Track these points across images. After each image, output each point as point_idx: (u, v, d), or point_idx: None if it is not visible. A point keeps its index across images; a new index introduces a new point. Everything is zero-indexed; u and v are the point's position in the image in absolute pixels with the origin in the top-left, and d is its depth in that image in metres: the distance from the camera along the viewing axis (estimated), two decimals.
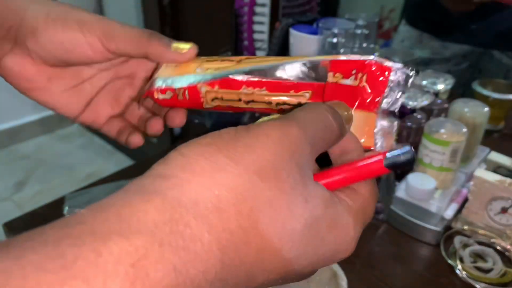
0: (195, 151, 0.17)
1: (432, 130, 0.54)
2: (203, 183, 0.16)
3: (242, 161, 0.17)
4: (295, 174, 0.17)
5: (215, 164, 0.16)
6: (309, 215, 0.17)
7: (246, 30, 0.71)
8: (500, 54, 1.00)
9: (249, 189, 0.16)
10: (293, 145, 0.18)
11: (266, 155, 0.17)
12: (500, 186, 0.52)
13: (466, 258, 0.51)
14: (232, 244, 0.15)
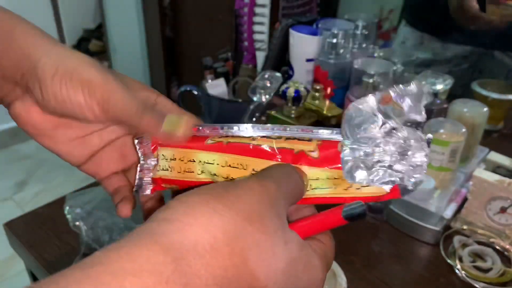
0: (194, 199, 0.20)
1: (432, 130, 0.54)
2: (202, 226, 0.18)
3: (234, 208, 0.20)
4: (275, 221, 0.20)
5: (213, 210, 0.19)
6: (288, 256, 0.20)
7: (246, 30, 0.71)
8: (501, 55, 1.00)
9: (240, 232, 0.19)
10: (272, 198, 0.21)
11: (253, 204, 0.20)
12: (499, 186, 0.52)
13: (465, 258, 0.51)
14: (226, 279, 0.18)
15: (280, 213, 0.21)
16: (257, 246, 0.19)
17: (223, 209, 0.19)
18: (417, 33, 1.05)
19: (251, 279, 0.19)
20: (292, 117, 0.60)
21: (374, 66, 0.60)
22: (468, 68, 1.06)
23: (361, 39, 0.69)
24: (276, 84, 0.62)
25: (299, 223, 0.24)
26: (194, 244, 0.18)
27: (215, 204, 0.19)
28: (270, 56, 0.70)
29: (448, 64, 1.04)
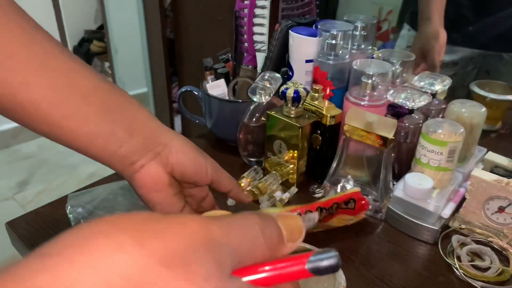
0: (95, 227, 0.15)
1: (430, 130, 0.54)
2: (92, 265, 0.13)
3: (148, 246, 0.14)
4: (209, 267, 0.15)
5: (115, 244, 0.14)
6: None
7: (246, 32, 0.72)
8: (508, 55, 1.00)
9: (150, 278, 0.14)
10: (211, 242, 0.16)
11: (177, 243, 0.15)
12: (497, 185, 0.52)
13: (463, 257, 0.51)
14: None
15: (220, 260, 0.16)
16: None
17: (131, 245, 0.14)
18: None
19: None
20: (292, 118, 0.61)
21: (373, 67, 0.60)
22: (473, 69, 1.06)
23: (360, 40, 0.70)
24: (275, 84, 0.62)
25: (250, 269, 0.18)
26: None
27: (121, 237, 0.14)
28: (270, 57, 0.70)
29: (455, 67, 1.05)
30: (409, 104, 0.59)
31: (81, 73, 0.32)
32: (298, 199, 0.62)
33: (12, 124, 1.98)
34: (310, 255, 0.18)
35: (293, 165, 0.63)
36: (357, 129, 0.57)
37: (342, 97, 0.63)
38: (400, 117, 0.61)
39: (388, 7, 1.85)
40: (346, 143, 0.60)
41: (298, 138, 0.60)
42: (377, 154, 0.58)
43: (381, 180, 0.58)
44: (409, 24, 1.09)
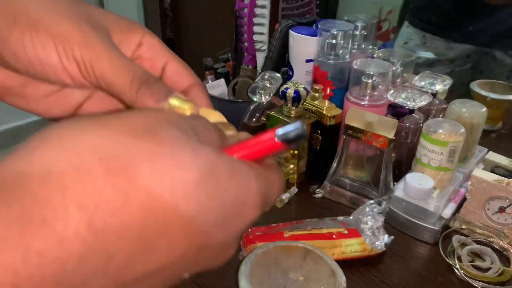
0: (61, 123, 0.15)
1: (430, 130, 0.54)
2: (56, 147, 0.13)
3: (110, 125, 0.15)
4: (176, 132, 0.15)
5: (77, 129, 0.14)
6: (202, 163, 0.15)
7: (246, 31, 0.72)
8: (502, 55, 1.01)
9: (120, 147, 0.14)
10: (174, 118, 0.16)
11: (140, 118, 0.15)
12: (497, 185, 0.52)
13: (464, 257, 0.51)
14: (104, 206, 0.13)
15: (183, 128, 0.16)
16: (150, 159, 0.14)
17: (94, 125, 0.14)
18: (419, 33, 1.06)
19: (149, 199, 0.14)
20: (292, 117, 0.60)
21: (373, 67, 0.60)
22: (470, 69, 1.07)
23: (360, 40, 0.70)
24: (276, 84, 0.62)
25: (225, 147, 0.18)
26: (43, 171, 0.13)
27: (82, 122, 0.14)
28: (270, 57, 0.70)
29: (451, 64, 1.05)
30: (410, 104, 0.59)
31: None
32: (298, 199, 0.62)
33: (11, 124, 1.98)
34: (277, 129, 0.19)
35: (293, 165, 0.63)
36: (357, 129, 0.57)
37: (342, 97, 0.63)
38: (401, 117, 0.61)
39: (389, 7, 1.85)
40: (346, 143, 0.60)
41: None
42: (378, 154, 0.58)
43: (381, 180, 0.58)
44: (408, 21, 1.09)
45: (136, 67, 0.21)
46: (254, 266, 0.41)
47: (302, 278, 0.43)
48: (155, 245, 0.14)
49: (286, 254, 0.44)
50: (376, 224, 0.51)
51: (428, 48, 1.05)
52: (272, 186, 0.18)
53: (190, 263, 0.16)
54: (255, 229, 0.50)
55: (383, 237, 0.50)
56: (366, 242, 0.50)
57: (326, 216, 0.58)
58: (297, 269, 0.43)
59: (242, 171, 0.16)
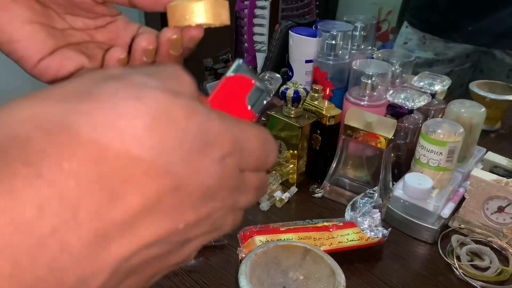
0: (17, 99, 0.15)
1: (429, 130, 0.55)
2: (4, 121, 0.14)
3: (48, 95, 0.15)
4: (111, 86, 0.15)
5: (22, 103, 0.14)
6: (148, 109, 0.14)
7: (246, 32, 0.72)
8: (502, 54, 1.01)
9: (54, 112, 0.14)
10: (112, 73, 0.16)
11: (75, 83, 0.15)
12: (496, 185, 0.52)
13: (463, 257, 0.51)
14: (52, 163, 0.13)
15: (127, 80, 0.15)
16: (87, 115, 0.14)
17: (35, 99, 0.14)
18: (419, 33, 1.06)
19: (98, 150, 0.13)
20: (292, 118, 0.61)
21: (372, 67, 0.60)
22: (469, 68, 1.07)
23: (360, 41, 0.70)
24: (275, 85, 0.62)
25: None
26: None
27: (30, 98, 0.15)
28: (270, 58, 0.71)
29: (451, 64, 1.05)
30: (409, 104, 0.59)
31: None
32: (298, 199, 0.62)
33: None
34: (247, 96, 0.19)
35: (293, 165, 0.63)
36: (356, 129, 0.57)
37: (342, 97, 0.63)
38: (400, 117, 0.61)
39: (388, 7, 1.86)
40: (345, 143, 0.60)
41: (298, 138, 0.60)
42: (377, 154, 0.58)
43: (380, 180, 0.58)
44: (408, 21, 1.09)
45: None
46: (253, 265, 0.41)
47: (302, 278, 0.43)
48: (121, 191, 0.14)
49: (286, 254, 0.44)
50: (374, 223, 0.51)
51: (428, 47, 1.06)
52: (247, 133, 0.17)
53: (174, 209, 0.15)
54: (253, 228, 0.51)
55: (380, 230, 0.51)
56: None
57: (326, 216, 0.58)
58: (297, 268, 0.44)
59: (202, 112, 0.15)
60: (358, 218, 0.52)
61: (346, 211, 0.55)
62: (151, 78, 0.16)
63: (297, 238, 0.49)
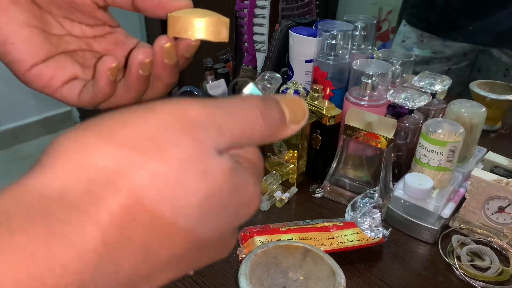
0: (67, 136, 0.15)
1: (430, 130, 0.54)
2: (67, 168, 0.14)
3: (114, 138, 0.15)
4: (187, 148, 0.15)
5: (81, 145, 0.15)
6: (206, 188, 0.16)
7: (246, 32, 0.72)
8: (499, 53, 1.01)
9: (125, 165, 0.14)
10: (188, 121, 0.16)
11: (147, 129, 0.15)
12: (497, 185, 0.52)
13: (463, 257, 0.51)
14: (114, 225, 0.14)
15: (201, 139, 0.16)
16: (155, 179, 0.15)
17: (97, 142, 0.15)
18: (417, 31, 1.06)
19: (152, 218, 0.15)
20: None
21: (373, 67, 0.60)
22: (467, 66, 1.07)
23: (360, 40, 0.70)
24: (276, 84, 0.62)
25: None
26: (58, 190, 0.14)
27: (86, 135, 0.15)
28: (270, 57, 0.70)
29: (448, 62, 1.05)
30: (409, 104, 0.59)
31: None
32: (298, 199, 0.62)
33: (13, 124, 1.98)
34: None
35: (293, 165, 0.63)
36: (357, 129, 0.57)
37: (342, 97, 0.63)
38: (400, 117, 0.61)
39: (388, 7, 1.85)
40: (346, 143, 0.60)
41: (298, 138, 0.60)
42: (377, 154, 0.58)
43: (381, 180, 0.58)
44: (406, 19, 1.09)
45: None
46: (254, 265, 0.41)
47: (302, 278, 0.43)
48: (158, 253, 0.16)
49: (286, 254, 0.44)
50: (375, 223, 0.51)
51: (425, 46, 1.06)
52: (259, 166, 0.19)
53: (193, 261, 0.17)
54: (253, 228, 0.51)
55: (381, 230, 0.51)
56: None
57: (326, 216, 0.58)
58: (297, 268, 0.43)
59: (243, 185, 0.17)
60: (359, 218, 0.52)
61: (346, 211, 0.55)
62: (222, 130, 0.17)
63: (297, 239, 0.49)
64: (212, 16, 0.24)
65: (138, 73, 0.25)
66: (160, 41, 0.25)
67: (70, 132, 0.15)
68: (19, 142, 2.02)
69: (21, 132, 2.01)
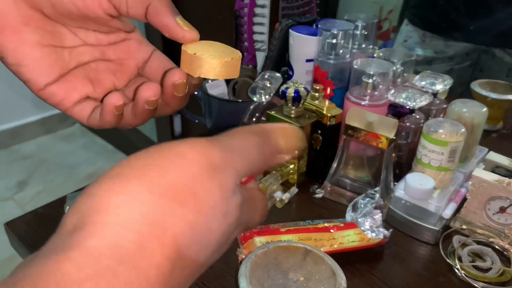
0: (103, 187, 0.16)
1: (431, 130, 0.54)
2: (120, 223, 0.15)
3: (156, 188, 0.16)
4: (215, 194, 0.17)
5: (127, 197, 0.16)
6: (225, 225, 0.18)
7: (246, 31, 0.71)
8: (502, 53, 1.01)
9: (168, 217, 0.16)
10: (214, 168, 0.17)
11: (182, 178, 0.17)
12: (498, 185, 0.52)
13: (464, 257, 0.51)
14: (162, 276, 0.15)
15: (225, 184, 0.18)
16: (191, 229, 0.16)
17: (141, 192, 0.16)
18: (419, 31, 1.06)
19: (185, 262, 0.17)
20: (292, 117, 0.60)
21: (373, 66, 0.60)
22: (469, 66, 1.06)
23: (361, 40, 0.69)
24: (276, 84, 0.62)
25: None
26: (115, 247, 0.15)
27: (131, 188, 0.16)
28: (270, 57, 0.70)
29: (451, 62, 1.05)
30: (410, 104, 0.59)
31: None
32: (298, 199, 0.62)
33: (12, 124, 1.98)
34: None
35: (293, 165, 0.63)
36: (357, 129, 0.57)
37: (343, 96, 0.63)
38: (401, 117, 0.61)
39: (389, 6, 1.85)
40: (346, 143, 0.60)
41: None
42: (378, 154, 0.58)
43: (382, 180, 0.58)
44: (408, 19, 1.09)
45: None
46: (254, 266, 0.41)
47: (302, 279, 0.43)
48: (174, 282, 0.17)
49: (286, 255, 0.44)
50: (375, 223, 0.51)
51: (427, 46, 1.05)
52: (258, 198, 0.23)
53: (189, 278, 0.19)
54: (253, 229, 0.50)
55: (382, 231, 0.51)
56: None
57: (327, 216, 0.57)
58: (297, 269, 0.43)
59: (242, 220, 0.19)
60: (359, 219, 0.52)
61: (347, 212, 0.55)
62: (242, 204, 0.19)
63: (297, 239, 0.49)
64: (226, 55, 0.24)
65: (145, 107, 0.25)
66: (173, 77, 0.25)
67: (111, 181, 0.16)
68: (18, 142, 2.01)
69: (19, 132, 2.01)
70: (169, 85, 0.25)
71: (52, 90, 0.26)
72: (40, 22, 0.25)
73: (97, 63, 0.28)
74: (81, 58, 0.27)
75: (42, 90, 0.26)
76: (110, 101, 0.25)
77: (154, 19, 0.25)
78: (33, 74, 0.25)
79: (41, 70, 0.25)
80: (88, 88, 0.27)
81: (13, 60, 0.24)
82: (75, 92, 0.26)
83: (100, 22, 0.26)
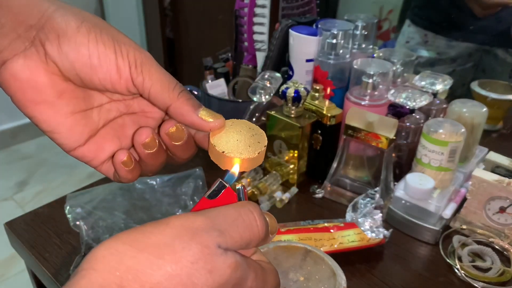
0: (100, 245, 0.20)
1: (431, 130, 0.54)
2: (105, 269, 0.19)
3: (139, 245, 0.19)
4: (195, 251, 0.20)
5: (113, 250, 0.19)
6: (214, 282, 0.20)
7: (246, 31, 0.72)
8: (504, 54, 1.00)
9: (147, 267, 0.19)
10: (194, 230, 0.20)
11: (163, 237, 0.20)
12: (498, 185, 0.52)
13: (464, 257, 0.51)
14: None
15: (206, 243, 0.20)
16: (170, 278, 0.19)
17: (127, 248, 0.19)
18: (421, 32, 1.06)
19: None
20: (292, 117, 0.60)
21: (373, 66, 0.60)
22: (472, 68, 1.06)
23: (361, 40, 0.69)
24: (276, 84, 0.62)
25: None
26: (100, 287, 0.18)
27: (118, 244, 0.19)
28: (270, 57, 0.70)
29: (453, 63, 1.05)
30: (410, 104, 0.59)
31: None
32: (298, 199, 0.62)
33: (11, 124, 1.98)
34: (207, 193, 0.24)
35: (293, 165, 0.63)
36: (357, 129, 0.57)
37: (343, 96, 0.63)
38: (401, 117, 0.61)
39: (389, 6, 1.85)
40: (346, 143, 0.60)
41: (299, 138, 0.60)
42: (378, 154, 0.58)
43: (382, 180, 0.58)
44: (410, 19, 1.09)
45: (174, 79, 0.26)
46: None
47: (302, 279, 0.43)
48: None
49: (286, 255, 0.44)
50: (375, 223, 0.51)
51: (430, 46, 1.05)
52: (269, 275, 0.25)
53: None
54: None
55: (382, 231, 0.51)
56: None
57: (327, 216, 0.57)
58: (297, 269, 0.43)
59: (246, 279, 0.22)
60: (359, 219, 0.52)
61: (347, 212, 0.55)
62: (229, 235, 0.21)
63: (297, 239, 0.49)
64: (253, 149, 0.25)
65: (145, 152, 0.27)
66: (164, 127, 0.27)
67: (107, 240, 0.20)
68: (17, 142, 2.01)
69: (19, 132, 2.01)
70: (164, 136, 0.27)
71: (83, 152, 0.28)
72: (73, 93, 0.26)
73: (123, 118, 0.29)
74: (109, 115, 0.28)
75: (73, 151, 0.28)
76: (116, 159, 0.27)
77: (178, 119, 0.26)
78: (65, 140, 0.27)
79: (72, 136, 0.27)
80: (115, 146, 0.29)
81: (47, 129, 0.26)
82: (103, 152, 0.28)
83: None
